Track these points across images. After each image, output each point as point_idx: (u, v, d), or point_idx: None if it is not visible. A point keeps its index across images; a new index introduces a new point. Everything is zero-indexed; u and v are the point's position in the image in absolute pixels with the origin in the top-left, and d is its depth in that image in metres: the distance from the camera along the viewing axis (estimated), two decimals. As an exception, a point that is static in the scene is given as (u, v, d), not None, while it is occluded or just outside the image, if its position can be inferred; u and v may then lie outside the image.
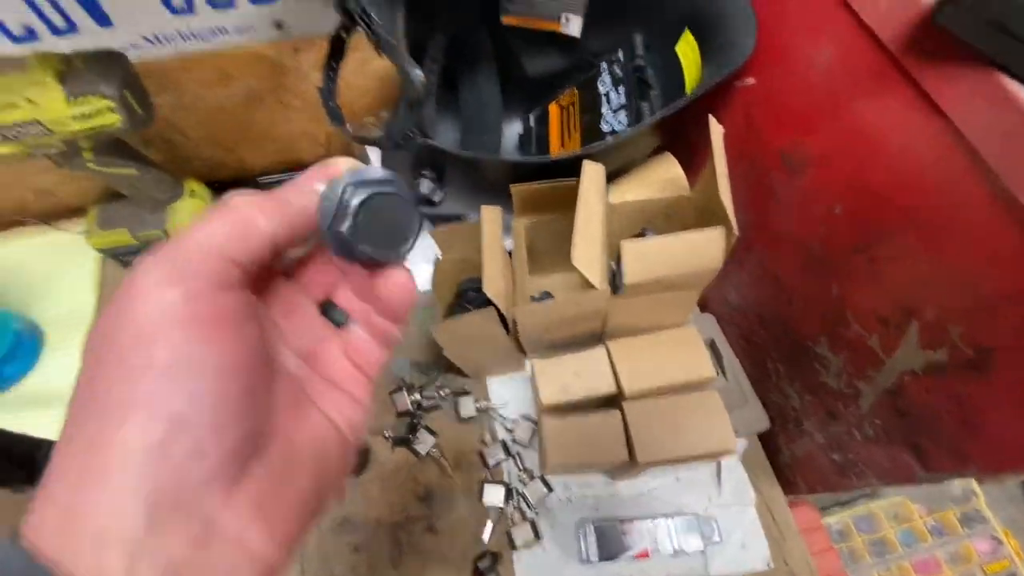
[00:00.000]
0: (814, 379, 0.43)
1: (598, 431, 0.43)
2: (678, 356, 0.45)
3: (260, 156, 0.67)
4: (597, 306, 0.39)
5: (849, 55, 0.33)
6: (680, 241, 0.36)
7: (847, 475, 0.43)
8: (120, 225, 0.57)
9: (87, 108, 0.43)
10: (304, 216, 0.18)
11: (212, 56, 0.53)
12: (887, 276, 0.34)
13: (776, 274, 0.45)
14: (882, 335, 0.35)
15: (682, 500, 0.50)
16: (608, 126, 0.49)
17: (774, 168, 0.42)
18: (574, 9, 0.51)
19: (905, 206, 0.32)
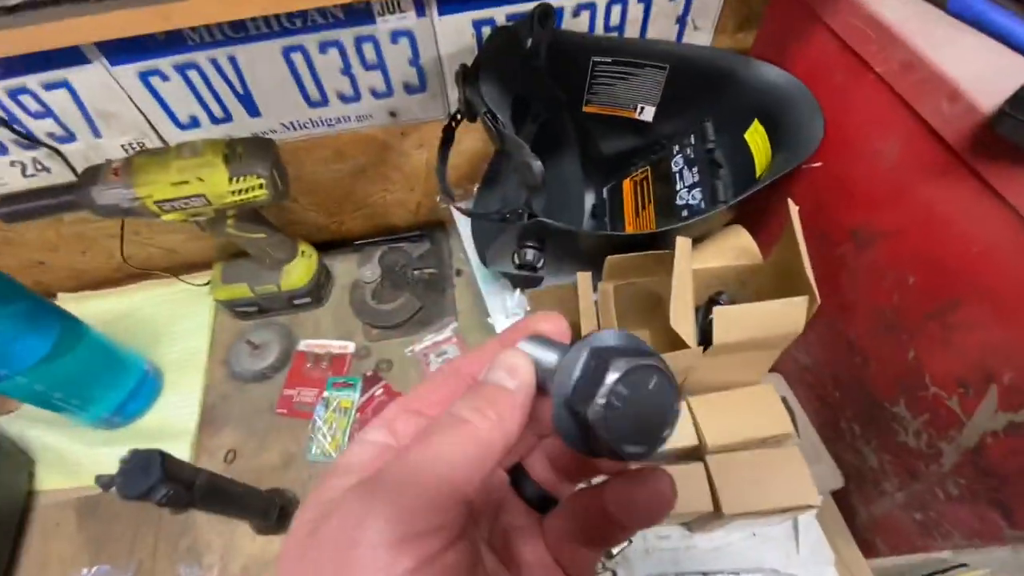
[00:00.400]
0: (892, 439, 0.45)
1: (683, 482, 0.46)
2: (756, 412, 0.48)
3: (358, 221, 0.75)
4: (689, 363, 0.43)
5: (914, 149, 0.38)
6: (764, 308, 0.40)
7: (931, 535, 0.44)
8: (241, 280, 0.65)
9: (244, 185, 0.51)
10: (528, 398, 0.16)
11: (332, 138, 0.62)
12: (962, 342, 0.37)
13: (849, 337, 0.48)
14: (962, 397, 0.38)
15: (759, 556, 0.52)
16: (683, 201, 0.55)
17: (843, 241, 0.46)
18: (648, 100, 0.59)
19: (976, 279, 0.35)
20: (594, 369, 0.14)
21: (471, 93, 0.45)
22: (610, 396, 0.14)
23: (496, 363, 0.17)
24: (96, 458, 0.60)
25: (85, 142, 0.56)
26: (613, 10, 0.55)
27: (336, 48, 0.53)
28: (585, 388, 0.14)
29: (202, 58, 0.51)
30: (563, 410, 0.15)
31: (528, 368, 0.16)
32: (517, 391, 0.16)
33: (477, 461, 0.15)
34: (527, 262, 0.46)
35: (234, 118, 0.57)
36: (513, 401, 0.16)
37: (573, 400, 0.14)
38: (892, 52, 0.38)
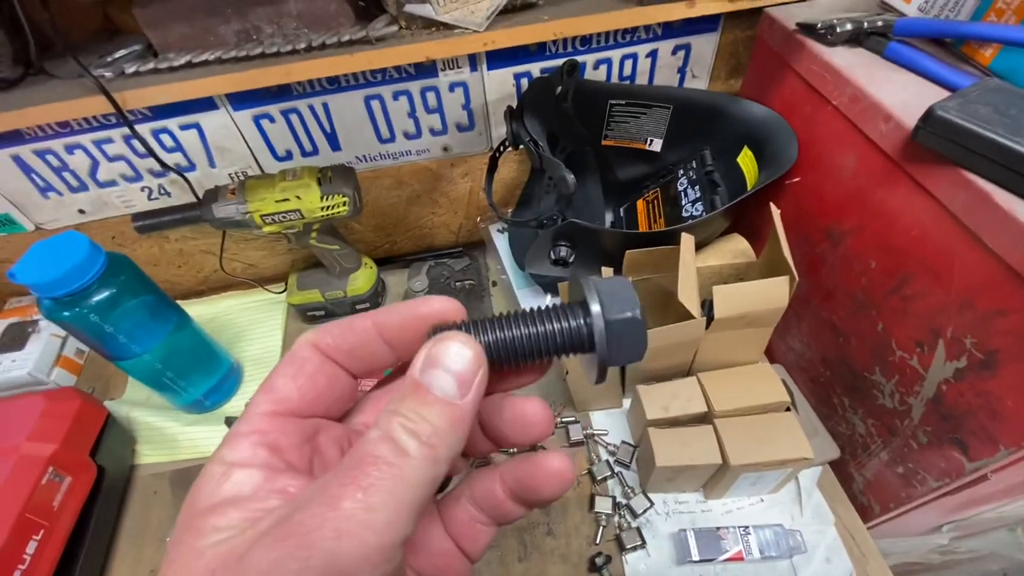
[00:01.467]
0: (873, 403, 0.54)
1: (695, 438, 0.54)
2: (757, 385, 0.56)
3: (407, 241, 0.88)
4: (696, 334, 0.52)
5: (866, 161, 0.49)
6: (756, 286, 0.50)
7: (911, 484, 0.51)
8: (313, 287, 0.77)
9: (331, 203, 0.64)
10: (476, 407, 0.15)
11: (395, 168, 0.76)
12: (915, 309, 0.46)
13: (832, 321, 0.57)
14: (920, 355, 0.47)
15: (767, 518, 0.58)
16: (687, 213, 0.66)
17: (821, 241, 0.57)
18: (656, 134, 0.71)
19: (919, 257, 0.45)
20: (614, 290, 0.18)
21: (517, 127, 0.58)
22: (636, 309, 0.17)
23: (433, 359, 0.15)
24: (189, 435, 0.70)
25: (201, 171, 0.70)
26: (626, 63, 0.69)
27: (406, 96, 0.67)
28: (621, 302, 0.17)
29: (303, 105, 0.65)
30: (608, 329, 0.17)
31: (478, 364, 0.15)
32: (467, 402, 0.15)
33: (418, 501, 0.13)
34: (561, 258, 0.56)
35: (320, 152, 0.71)
36: (461, 415, 0.14)
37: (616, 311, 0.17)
38: (843, 89, 0.50)
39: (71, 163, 0.66)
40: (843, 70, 0.50)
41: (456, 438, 0.15)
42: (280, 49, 0.56)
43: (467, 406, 0.15)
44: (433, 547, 0.18)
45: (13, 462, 0.55)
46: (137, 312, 0.59)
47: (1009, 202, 0.37)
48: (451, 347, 0.15)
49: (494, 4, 0.56)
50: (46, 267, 0.52)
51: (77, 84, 0.58)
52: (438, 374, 0.15)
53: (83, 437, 0.62)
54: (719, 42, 0.68)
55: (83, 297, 0.54)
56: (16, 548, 0.51)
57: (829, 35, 0.53)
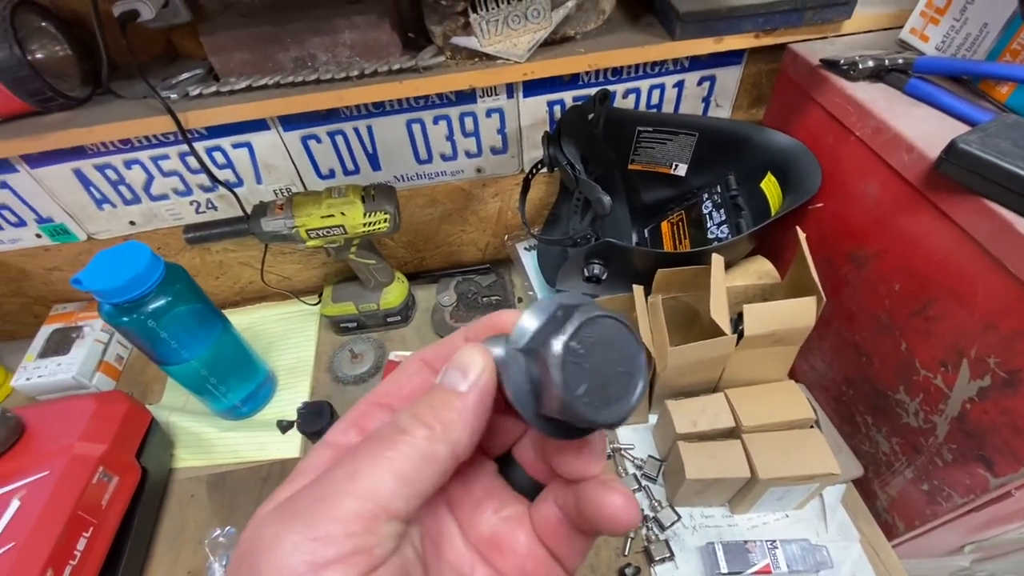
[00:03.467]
0: (897, 422, 0.55)
1: (724, 452, 0.56)
2: (783, 401, 0.58)
3: (436, 257, 0.91)
4: (727, 351, 0.54)
5: (889, 188, 0.52)
6: (784, 305, 0.52)
7: (936, 501, 0.52)
8: (348, 300, 0.80)
9: (373, 219, 0.67)
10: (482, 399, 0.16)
11: (430, 188, 0.79)
12: (939, 330, 0.48)
13: (855, 341, 0.59)
14: (944, 375, 0.49)
15: (792, 533, 0.60)
16: (713, 235, 0.68)
17: (844, 264, 0.59)
18: (681, 160, 0.74)
19: (943, 280, 0.47)
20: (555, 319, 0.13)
21: (554, 151, 0.61)
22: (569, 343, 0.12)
23: (451, 363, 0.17)
24: (225, 440, 0.72)
25: (248, 187, 0.74)
26: (654, 93, 0.72)
27: (445, 121, 0.71)
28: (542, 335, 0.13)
29: (349, 127, 0.69)
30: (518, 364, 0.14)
31: (481, 365, 0.16)
32: (468, 393, 0.16)
33: (411, 476, 0.14)
34: (595, 275, 0.59)
35: (361, 171, 0.75)
36: (463, 405, 0.16)
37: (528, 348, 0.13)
38: (866, 121, 0.53)
39: (128, 177, 0.70)
40: (866, 103, 0.53)
41: (456, 426, 0.16)
42: (334, 76, 0.60)
43: (468, 399, 0.16)
44: (520, 548, 0.18)
45: (67, 461, 0.57)
46: (188, 319, 0.62)
47: (1030, 230, 0.39)
48: (465, 352, 0.17)
49: (535, 38, 0.60)
50: (110, 275, 0.55)
51: (143, 104, 0.62)
52: (452, 372, 0.17)
53: (130, 439, 0.64)
54: (743, 74, 0.72)
55: (142, 304, 0.57)
56: (68, 544, 0.53)
57: (852, 71, 0.56)
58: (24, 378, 0.74)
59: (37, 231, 0.74)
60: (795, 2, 0.59)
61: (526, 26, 0.59)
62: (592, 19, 0.63)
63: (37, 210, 0.72)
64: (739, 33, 0.62)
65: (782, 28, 0.62)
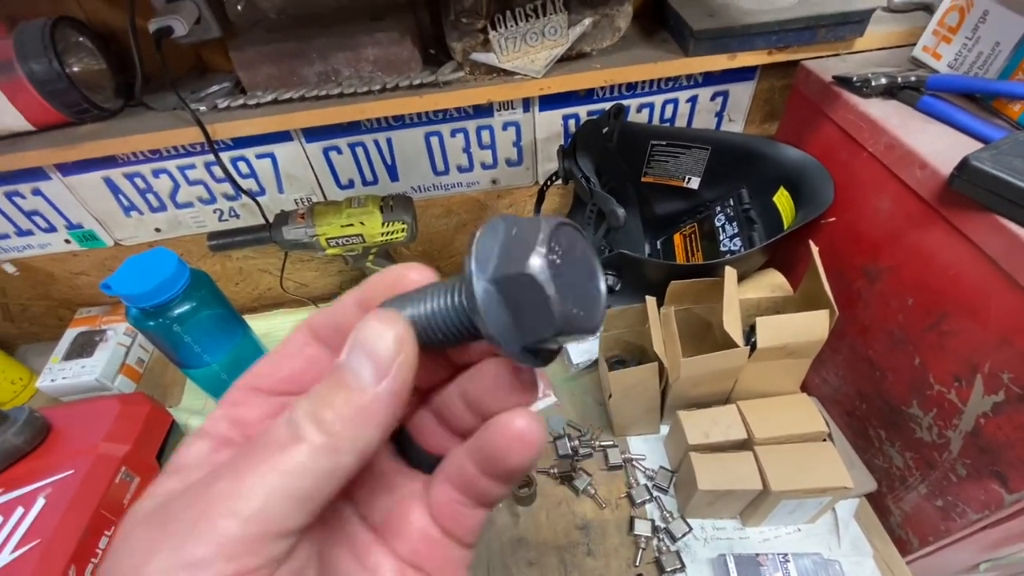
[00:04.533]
0: (910, 436, 0.55)
1: (736, 464, 0.56)
2: (795, 414, 0.58)
3: (451, 266, 0.92)
4: (739, 363, 0.55)
5: (901, 204, 0.52)
6: (797, 318, 0.53)
7: (951, 517, 0.52)
8: (364, 306, 0.81)
9: (391, 228, 0.69)
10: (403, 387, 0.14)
11: (446, 198, 0.81)
12: (953, 345, 0.49)
13: (868, 356, 0.60)
14: (958, 389, 0.49)
15: (805, 547, 0.59)
16: (726, 247, 0.69)
17: (857, 278, 0.59)
18: (694, 173, 0.75)
19: (956, 296, 0.48)
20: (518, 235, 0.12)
21: (569, 164, 0.63)
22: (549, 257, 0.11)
23: (355, 340, 0.14)
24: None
25: (270, 196, 0.76)
26: (667, 107, 0.74)
27: (462, 133, 0.72)
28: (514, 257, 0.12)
29: (369, 139, 0.71)
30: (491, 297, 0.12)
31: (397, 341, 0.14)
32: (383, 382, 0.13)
33: (308, 493, 0.13)
34: (608, 286, 0.60)
35: (379, 182, 0.77)
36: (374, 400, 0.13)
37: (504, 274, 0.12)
38: (879, 137, 0.54)
39: (155, 186, 0.72)
40: (879, 120, 0.54)
41: (365, 429, 0.13)
42: (357, 90, 0.62)
43: (382, 395, 0.14)
44: (412, 532, 0.16)
45: (92, 460, 0.59)
46: (210, 323, 0.64)
47: (1043, 247, 0.40)
48: (371, 326, 0.14)
49: (552, 54, 0.62)
50: (138, 280, 0.57)
51: (173, 116, 0.64)
52: (357, 357, 0.14)
53: (152, 440, 0.66)
54: (756, 90, 0.73)
55: (168, 308, 0.59)
56: (91, 542, 0.55)
57: (865, 88, 0.57)
58: (49, 379, 0.76)
59: (67, 236, 0.77)
60: (808, 20, 0.60)
61: (543, 43, 0.61)
62: (608, 36, 0.64)
63: (68, 216, 0.74)
64: (752, 50, 0.63)
65: (795, 45, 0.63)
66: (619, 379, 0.59)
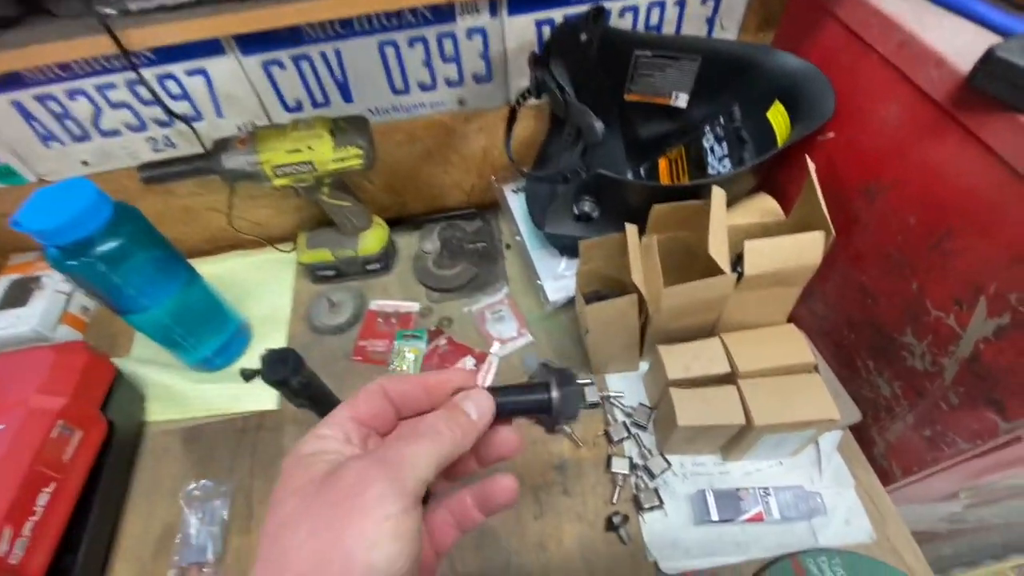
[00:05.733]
0: (901, 365, 0.52)
1: (718, 398, 0.53)
2: (782, 346, 0.55)
3: (418, 201, 0.85)
4: (725, 291, 0.50)
5: (912, 111, 0.46)
6: (788, 241, 0.48)
7: (938, 446, 0.50)
8: (323, 246, 0.75)
9: (344, 154, 0.62)
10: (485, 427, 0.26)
11: (408, 122, 0.73)
12: (955, 265, 0.44)
13: (861, 282, 0.56)
14: (957, 314, 0.45)
15: (787, 481, 0.58)
16: (714, 170, 0.63)
17: (855, 199, 0.54)
18: (682, 88, 0.68)
19: (966, 210, 0.43)
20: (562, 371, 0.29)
21: (541, 74, 0.55)
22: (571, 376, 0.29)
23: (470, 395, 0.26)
24: (199, 393, 0.69)
25: (209, 121, 0.67)
26: (653, 12, 0.65)
27: (421, 43, 0.64)
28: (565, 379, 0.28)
29: (314, 51, 0.62)
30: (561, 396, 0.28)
31: (491, 406, 0.26)
32: (479, 421, 0.25)
33: (440, 460, 0.23)
34: (585, 212, 0.54)
35: (332, 103, 0.68)
36: (474, 427, 0.25)
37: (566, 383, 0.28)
38: (891, 35, 0.47)
39: (73, 110, 0.63)
40: (891, 15, 0.47)
41: (467, 439, 0.25)
42: (292, -14, 0.53)
43: (479, 424, 0.26)
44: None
45: (23, 415, 0.54)
46: (146, 265, 0.57)
47: (1074, 148, 0.35)
48: (479, 393, 0.27)
49: (519, -60, 0.53)
50: (51, 213, 0.50)
51: (80, 23, 0.55)
52: (469, 404, 0.26)
53: (93, 392, 0.61)
54: (751, -9, 0.65)
55: (90, 246, 0.52)
56: (27, 500, 0.50)
57: (876, -22, 0.50)
58: (-19, 331, 0.70)
59: (-20, 172, 0.68)
60: None
61: (509, -74, 0.52)
62: (584, -80, 0.55)
63: (-24, 148, 0.65)
64: (750, -64, 0.55)
65: (799, -70, 0.55)
66: (596, 313, 0.55)
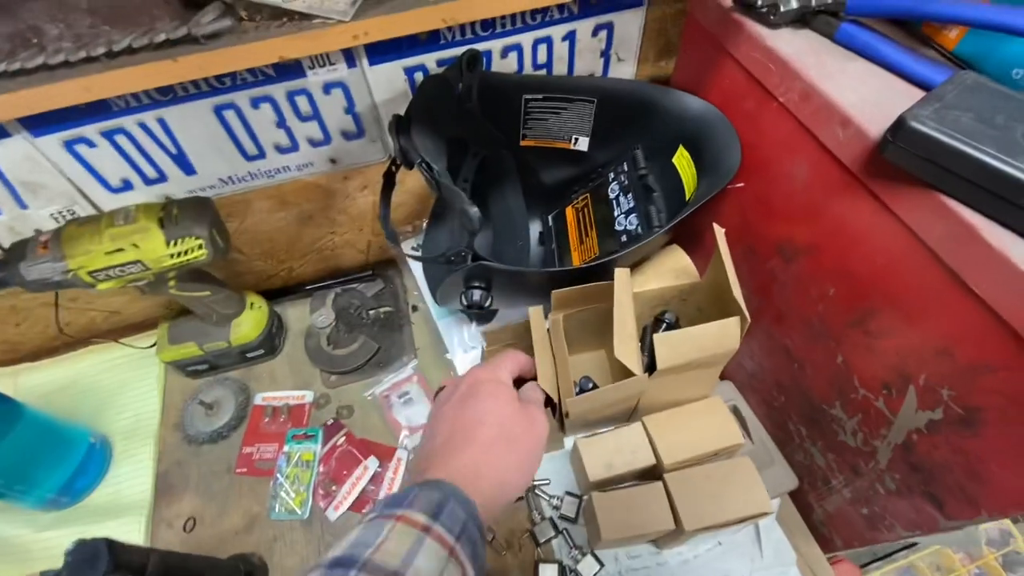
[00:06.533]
0: (833, 438, 0.48)
1: (645, 502, 0.47)
2: (708, 426, 0.49)
3: (307, 266, 0.75)
4: (638, 389, 0.44)
5: (820, 171, 0.41)
6: (701, 331, 0.42)
7: (877, 528, 0.46)
8: (189, 340, 0.64)
9: (182, 248, 0.51)
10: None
11: (273, 188, 0.62)
12: (882, 347, 0.40)
13: (785, 345, 0.51)
14: (887, 398, 0.40)
15: (726, 566, 0.53)
16: (621, 226, 0.57)
17: (771, 256, 0.49)
18: (582, 132, 0.61)
19: (885, 290, 0.38)
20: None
21: (405, 142, 0.46)
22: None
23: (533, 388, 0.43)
24: (45, 543, 0.57)
25: (9, 214, 0.54)
26: (539, 49, 0.58)
27: (269, 103, 0.53)
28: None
29: (129, 122, 0.51)
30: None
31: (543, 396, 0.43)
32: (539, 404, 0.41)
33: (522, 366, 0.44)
34: (474, 303, 0.46)
35: (169, 178, 0.57)
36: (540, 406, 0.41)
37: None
38: (791, 83, 0.41)
39: None
40: (789, 59, 0.41)
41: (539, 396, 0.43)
42: (69, 58, 0.42)
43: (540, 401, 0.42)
44: None
45: None
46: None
47: (1000, 238, 0.30)
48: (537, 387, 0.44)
49: (358, -15, 0.43)
50: None
51: None
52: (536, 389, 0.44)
53: None
54: (646, 19, 0.58)
55: None
56: None
57: (772, 15, 0.44)
58: None
59: None
60: (699, -79, 0.45)
61: (343, -31, 0.42)
62: (440, -46, 0.46)
63: None
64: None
65: (686, -43, 0.48)
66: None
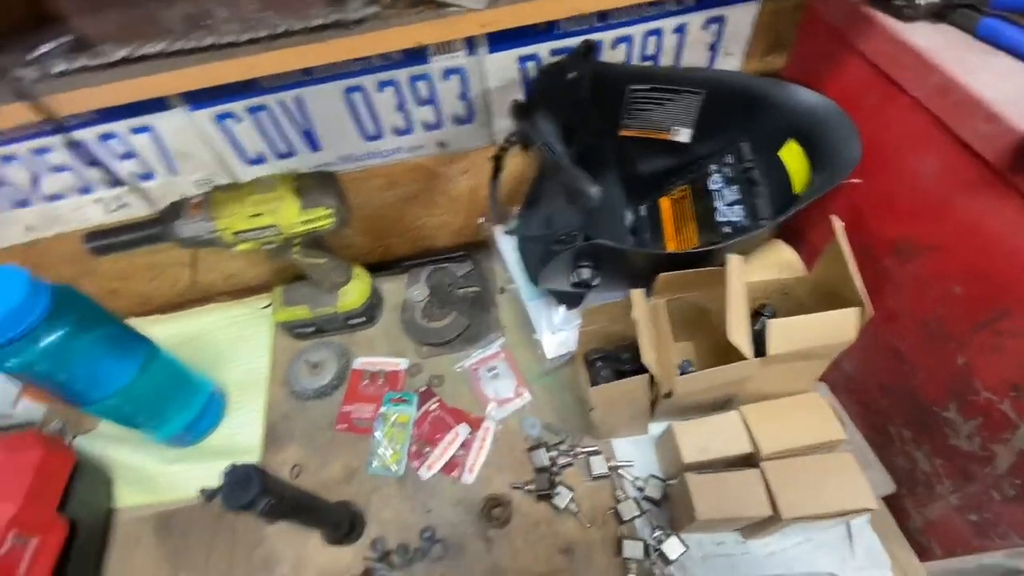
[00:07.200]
0: (943, 443, 0.47)
1: (740, 487, 0.47)
2: (806, 419, 0.49)
3: (403, 244, 0.79)
4: (747, 373, 0.45)
5: (955, 167, 0.40)
6: (817, 320, 0.42)
7: (987, 536, 0.45)
8: (301, 303, 0.69)
9: (312, 215, 0.55)
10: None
11: (385, 167, 0.66)
12: (1014, 348, 0.39)
13: (896, 347, 0.50)
14: (1014, 400, 0.39)
15: (813, 561, 0.53)
16: (724, 218, 0.57)
17: (886, 255, 0.48)
18: (684, 123, 0.61)
19: None
20: None
21: (527, 126, 0.49)
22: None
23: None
24: (170, 475, 0.64)
25: (162, 179, 0.61)
26: (649, 41, 0.59)
27: (392, 87, 0.57)
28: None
29: (272, 100, 0.56)
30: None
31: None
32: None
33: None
34: (584, 280, 0.48)
35: (297, 154, 0.62)
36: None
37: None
38: (927, 77, 0.41)
39: (8, 176, 0.57)
40: (926, 53, 0.41)
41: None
42: (237, 39, 0.46)
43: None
44: None
45: (-34, 530, 0.48)
46: (95, 352, 0.51)
47: None
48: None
49: (497, -25, 0.46)
50: (-23, 312, 0.44)
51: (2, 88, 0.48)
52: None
53: (49, 490, 0.55)
54: (759, 12, 0.58)
55: (29, 342, 0.46)
56: (-23, 629, 0.45)
57: (907, 8, 0.43)
58: (-71, 415, 0.64)
59: (-87, 244, 0.62)
60: (835, -87, 0.45)
61: (484, -40, 0.45)
62: (570, -53, 0.48)
63: (-96, 220, 0.59)
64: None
65: (815, -50, 0.48)
66: (602, 394, 0.49)
